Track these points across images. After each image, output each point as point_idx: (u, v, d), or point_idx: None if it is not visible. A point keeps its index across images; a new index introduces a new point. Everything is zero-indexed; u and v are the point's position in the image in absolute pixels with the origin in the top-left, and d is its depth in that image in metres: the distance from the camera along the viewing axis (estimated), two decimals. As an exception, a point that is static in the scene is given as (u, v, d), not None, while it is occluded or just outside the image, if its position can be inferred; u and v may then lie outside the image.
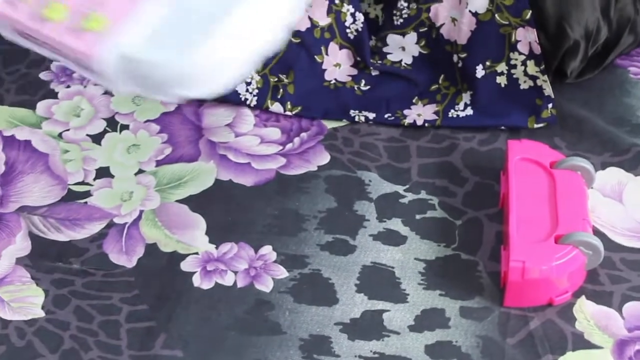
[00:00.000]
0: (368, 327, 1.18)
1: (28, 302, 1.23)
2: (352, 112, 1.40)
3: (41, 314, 1.22)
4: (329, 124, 1.41)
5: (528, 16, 1.36)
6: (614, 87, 1.42)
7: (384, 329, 1.18)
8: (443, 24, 1.41)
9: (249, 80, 1.40)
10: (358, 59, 1.43)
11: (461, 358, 1.15)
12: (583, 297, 1.20)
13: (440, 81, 1.42)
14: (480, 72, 1.38)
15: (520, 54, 1.39)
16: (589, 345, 1.16)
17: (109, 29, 1.08)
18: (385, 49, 1.43)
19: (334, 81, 1.44)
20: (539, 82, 1.38)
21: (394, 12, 1.43)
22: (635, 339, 1.16)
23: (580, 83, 1.43)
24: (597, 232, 1.23)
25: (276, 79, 1.42)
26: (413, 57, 1.43)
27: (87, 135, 1.41)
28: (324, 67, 1.44)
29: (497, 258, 1.22)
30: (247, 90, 1.41)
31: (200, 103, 1.43)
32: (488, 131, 1.38)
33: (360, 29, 1.43)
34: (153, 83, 1.07)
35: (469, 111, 1.38)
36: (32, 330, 1.20)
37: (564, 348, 1.15)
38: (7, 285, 1.24)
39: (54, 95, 1.47)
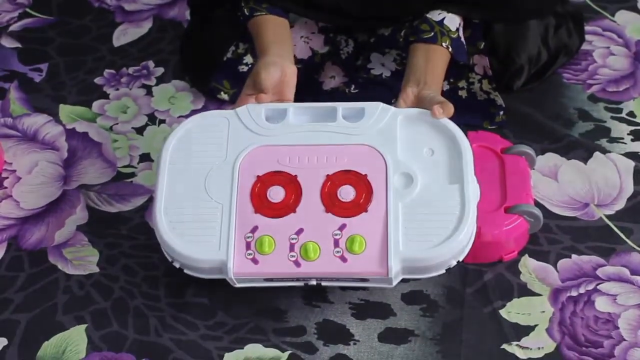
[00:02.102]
0: (356, 279, 1.19)
1: (86, 260, 1.23)
2: None
3: (96, 269, 1.22)
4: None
5: (481, 46, 1.36)
6: (551, 89, 1.41)
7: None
8: None
9: None
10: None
11: (430, 303, 1.16)
12: (526, 255, 1.20)
13: None
14: (445, 86, 1.36)
15: (477, 74, 1.38)
16: (531, 293, 1.16)
17: (372, 247, 1.05)
18: (369, 66, 1.41)
19: (329, 89, 1.42)
20: (492, 96, 1.37)
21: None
22: (567, 287, 1.16)
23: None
24: (537, 204, 1.23)
25: None
26: (391, 71, 1.41)
27: (132, 128, 1.40)
28: (321, 79, 1.42)
29: (458, 225, 1.21)
30: None
31: (221, 102, 1.42)
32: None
33: (350, 51, 1.42)
34: (420, 270, 1.07)
35: None
36: (90, 282, 1.21)
37: (511, 295, 1.16)
38: (70, 247, 1.24)
39: (106, 96, 1.45)
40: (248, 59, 1.41)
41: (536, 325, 1.13)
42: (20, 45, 1.56)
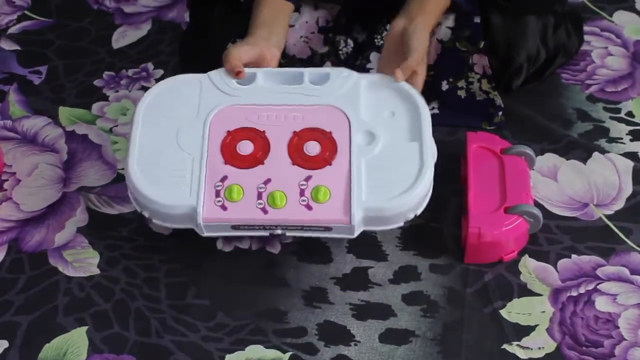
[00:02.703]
0: (356, 280, 1.18)
1: (86, 262, 1.22)
2: None
3: (97, 271, 1.21)
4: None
5: (481, 45, 1.36)
6: (550, 90, 1.41)
7: (369, 282, 1.18)
8: None
9: None
10: None
11: (430, 304, 1.15)
12: (526, 255, 1.20)
13: None
14: (444, 86, 1.36)
15: (476, 73, 1.38)
16: (531, 293, 1.16)
17: (336, 196, 1.10)
18: (368, 66, 1.40)
19: None
20: (491, 96, 1.37)
21: (375, 35, 1.40)
22: (567, 288, 1.16)
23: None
24: (537, 204, 1.22)
25: None
26: None
27: (132, 130, 1.41)
28: None
29: (458, 225, 1.21)
30: None
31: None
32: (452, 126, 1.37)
33: (349, 52, 1.42)
34: (380, 221, 1.11)
35: (435, 110, 1.37)
36: (90, 284, 1.20)
37: (511, 295, 1.16)
38: (70, 249, 1.24)
39: (105, 98, 1.45)
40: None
41: (537, 325, 1.13)
42: (20, 47, 1.55)
